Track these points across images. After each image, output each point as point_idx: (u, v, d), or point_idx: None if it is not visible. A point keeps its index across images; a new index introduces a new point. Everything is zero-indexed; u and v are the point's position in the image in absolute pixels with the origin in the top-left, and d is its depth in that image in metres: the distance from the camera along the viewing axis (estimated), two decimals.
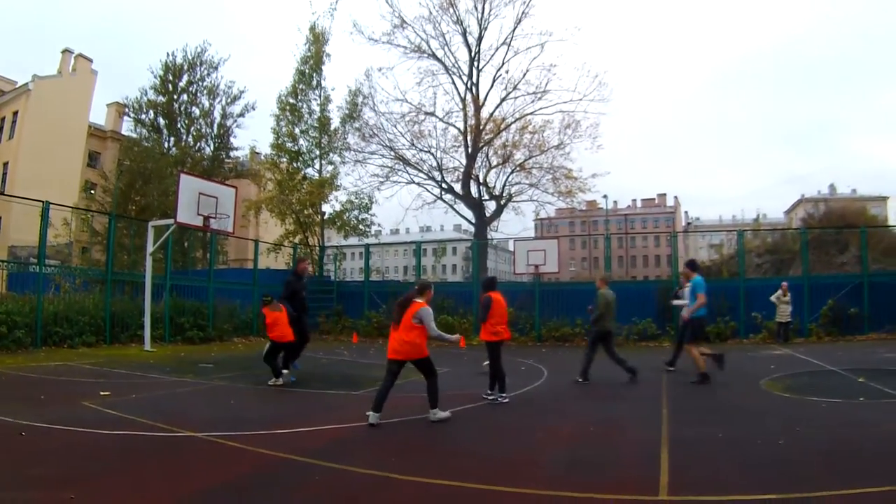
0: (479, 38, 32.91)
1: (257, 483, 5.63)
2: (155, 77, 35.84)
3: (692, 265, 14.15)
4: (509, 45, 32.70)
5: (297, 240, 30.22)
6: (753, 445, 7.12)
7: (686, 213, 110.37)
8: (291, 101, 31.35)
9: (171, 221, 17.96)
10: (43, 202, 16.56)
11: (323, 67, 31.95)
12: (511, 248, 29.36)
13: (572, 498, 5.29)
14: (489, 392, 10.47)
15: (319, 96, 31.77)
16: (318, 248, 30.77)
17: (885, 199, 68.50)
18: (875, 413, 8.93)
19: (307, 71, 31.64)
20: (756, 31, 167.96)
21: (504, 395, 10.39)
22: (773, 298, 21.50)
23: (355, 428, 8.12)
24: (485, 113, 33.44)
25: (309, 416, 8.95)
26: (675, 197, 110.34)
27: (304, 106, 31.62)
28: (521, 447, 7.46)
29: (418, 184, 33.84)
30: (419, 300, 8.83)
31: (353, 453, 6.77)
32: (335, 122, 32.24)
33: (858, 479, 5.62)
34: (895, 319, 21.20)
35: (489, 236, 34.07)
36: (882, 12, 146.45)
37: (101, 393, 9.91)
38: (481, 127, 32.93)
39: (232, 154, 37.74)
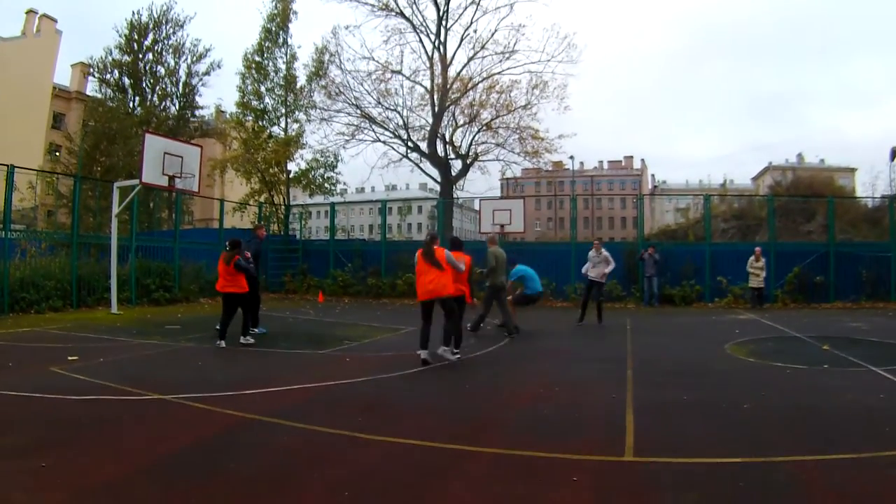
0: None
1: (225, 444, 5.65)
2: (120, 36, 35.14)
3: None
4: (478, 4, 32.70)
5: (262, 199, 30.22)
6: (718, 409, 7.28)
7: (653, 176, 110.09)
8: (257, 59, 31.16)
9: (136, 182, 17.88)
10: (8, 166, 16.40)
11: (289, 25, 31.78)
12: (477, 208, 29.28)
13: (538, 457, 5.40)
14: (453, 350, 10.75)
15: (286, 54, 31.65)
16: (283, 206, 30.73)
17: (853, 170, 69.14)
18: (839, 380, 9.10)
19: (273, 28, 31.40)
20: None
21: (448, 349, 10.66)
22: (748, 267, 21.77)
23: (322, 387, 8.29)
24: (452, 72, 33.59)
25: (276, 377, 8.85)
26: (642, 159, 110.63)
27: (270, 64, 31.44)
28: (487, 407, 7.53)
29: (384, 142, 33.97)
30: (438, 247, 10.30)
31: (319, 413, 6.90)
32: (301, 80, 32.12)
33: (822, 446, 5.76)
34: (860, 289, 21.99)
35: (455, 195, 34.19)
36: None
37: (69, 358, 9.89)
38: (448, 86, 33.00)
39: (197, 113, 37.28)
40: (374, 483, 4.79)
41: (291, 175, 31.26)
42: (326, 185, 31.86)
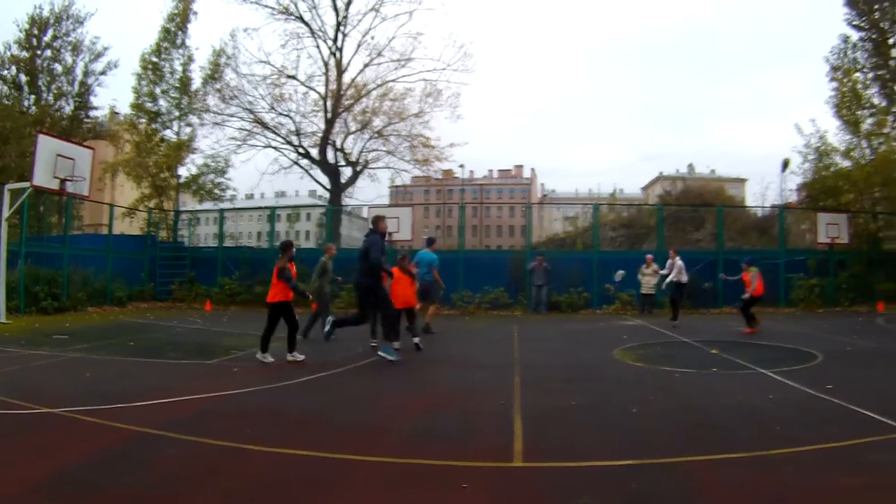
0: (348, 2, 33.43)
1: (116, 459, 5.63)
2: (20, 31, 33.88)
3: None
4: (378, 11, 33.32)
5: (152, 204, 30.03)
6: (607, 413, 7.56)
7: (542, 184, 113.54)
8: (154, 59, 31.18)
9: (27, 185, 17.80)
10: None
11: (189, 25, 31.87)
12: (365, 215, 29.99)
13: (427, 465, 5.52)
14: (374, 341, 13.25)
15: (183, 56, 31.71)
16: (172, 212, 30.66)
17: (743, 180, 72.38)
18: (727, 383, 9.47)
19: (173, 28, 31.44)
20: (625, 12, 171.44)
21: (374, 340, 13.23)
22: (639, 276, 22.47)
23: (211, 398, 8.31)
24: (347, 78, 34.09)
25: (165, 388, 8.75)
26: (532, 169, 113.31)
27: (167, 65, 31.53)
28: (375, 415, 7.65)
29: (275, 148, 34.21)
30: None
31: (208, 424, 6.89)
32: (196, 83, 32.24)
33: (714, 446, 6.01)
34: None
35: (344, 203, 34.87)
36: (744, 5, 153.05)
37: None
38: (342, 92, 33.51)
39: (91, 114, 36.11)
40: (264, 495, 4.85)
41: (182, 180, 31.30)
42: (216, 190, 32.00)
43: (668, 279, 18.78)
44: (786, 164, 31.65)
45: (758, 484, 5.03)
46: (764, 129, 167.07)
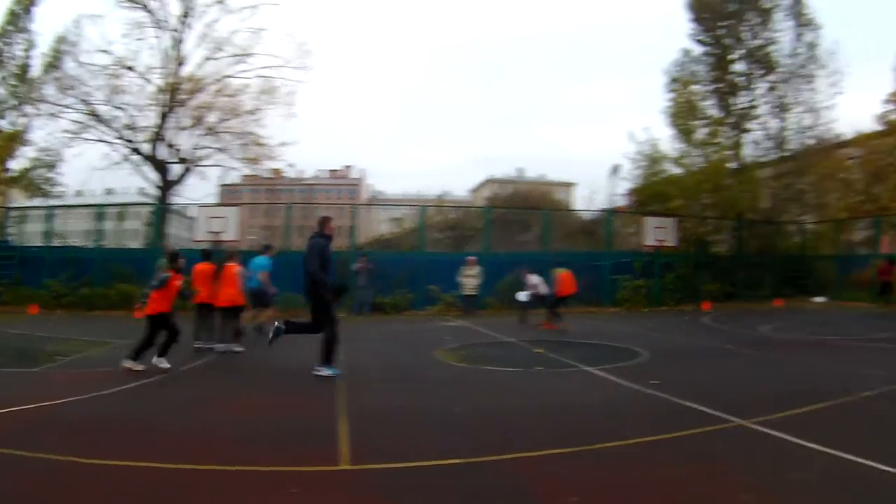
0: None
1: None
2: None
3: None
4: (223, 2, 33.07)
5: None
6: (431, 414, 7.72)
7: (370, 185, 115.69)
8: None
9: None
10: None
11: (34, 9, 31.45)
12: (192, 214, 29.75)
13: (255, 472, 5.52)
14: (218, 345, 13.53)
15: (25, 41, 31.29)
16: (2, 209, 30.07)
17: (571, 185, 75.94)
18: (553, 381, 9.91)
19: (19, 12, 30.94)
20: (460, 16, 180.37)
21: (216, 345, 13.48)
22: (461, 277, 23.50)
23: (35, 409, 7.96)
24: (186, 72, 33.84)
25: None
26: (361, 169, 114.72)
27: (9, 51, 30.89)
28: (200, 423, 7.56)
29: (107, 142, 33.28)
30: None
31: (34, 438, 6.59)
32: (36, 71, 31.58)
33: (537, 443, 6.23)
34: (573, 295, 22.09)
35: (172, 201, 34.45)
36: (577, 16, 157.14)
37: None
38: (179, 86, 33.12)
39: None
40: None
41: (12, 174, 30.93)
42: (46, 186, 31.56)
43: (528, 295, 20.44)
44: (615, 170, 34.59)
45: (587, 477, 5.32)
46: (594, 136, 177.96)
